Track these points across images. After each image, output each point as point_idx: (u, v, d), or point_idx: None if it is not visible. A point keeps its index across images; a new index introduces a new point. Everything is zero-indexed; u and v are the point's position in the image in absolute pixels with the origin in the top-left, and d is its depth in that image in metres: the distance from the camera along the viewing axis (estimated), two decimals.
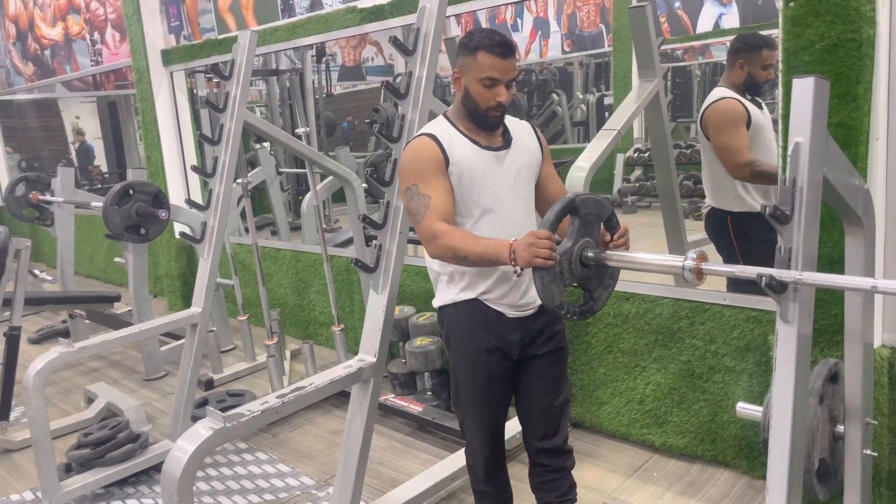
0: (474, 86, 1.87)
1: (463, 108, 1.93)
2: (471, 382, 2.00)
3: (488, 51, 1.84)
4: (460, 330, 1.98)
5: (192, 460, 1.78)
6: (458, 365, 2.02)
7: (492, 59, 1.84)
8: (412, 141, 1.95)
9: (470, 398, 2.02)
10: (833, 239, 2.07)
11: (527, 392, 2.03)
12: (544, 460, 2.05)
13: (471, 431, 2.07)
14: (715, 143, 2.86)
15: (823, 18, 1.99)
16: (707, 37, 7.30)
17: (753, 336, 2.49)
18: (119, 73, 8.54)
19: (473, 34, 1.88)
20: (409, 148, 1.93)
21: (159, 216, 3.47)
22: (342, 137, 9.74)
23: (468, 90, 1.89)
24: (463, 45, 1.89)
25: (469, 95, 1.89)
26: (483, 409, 2.03)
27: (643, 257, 1.74)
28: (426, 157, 1.88)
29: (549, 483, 2.06)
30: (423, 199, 1.86)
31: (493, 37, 1.85)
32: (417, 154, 1.90)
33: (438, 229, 1.82)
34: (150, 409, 3.67)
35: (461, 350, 1.99)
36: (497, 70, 1.85)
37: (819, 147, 1.46)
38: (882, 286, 1.36)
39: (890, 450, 2.21)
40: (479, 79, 1.85)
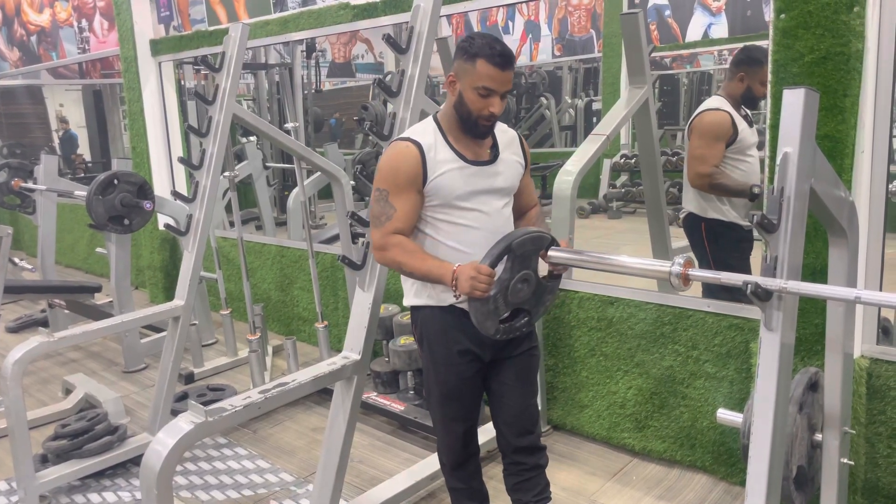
0: (469, 93, 1.84)
1: (454, 112, 1.90)
2: (443, 384, 2.01)
3: (488, 60, 1.80)
4: (434, 332, 1.98)
5: (172, 454, 1.77)
6: (431, 366, 2.02)
7: (490, 70, 1.81)
8: (398, 142, 1.91)
9: (442, 399, 2.03)
10: (816, 249, 2.09)
11: (501, 392, 2.04)
12: (521, 458, 2.05)
13: (442, 431, 2.10)
14: (689, 149, 2.92)
15: (813, 31, 2.01)
16: (696, 46, 7.37)
17: (735, 343, 2.51)
18: (105, 61, 8.46)
19: (474, 39, 1.84)
20: (394, 151, 1.90)
21: (144, 207, 3.44)
22: (330, 134, 9.70)
23: (462, 96, 1.86)
24: (462, 49, 1.85)
25: (462, 101, 1.86)
26: (454, 409, 2.05)
27: (631, 261, 1.75)
28: (405, 170, 1.86)
29: (525, 482, 2.06)
30: (388, 209, 1.87)
31: (494, 46, 1.81)
32: (398, 162, 1.87)
33: (390, 241, 1.87)
34: (129, 402, 3.63)
35: (434, 352, 2.00)
36: (494, 81, 1.82)
37: (807, 158, 1.48)
38: (865, 297, 1.38)
39: (866, 459, 2.25)
40: (476, 87, 1.82)
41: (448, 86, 1.90)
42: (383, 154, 1.96)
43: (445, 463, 2.15)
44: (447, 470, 2.15)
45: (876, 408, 2.20)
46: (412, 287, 2.00)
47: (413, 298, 2.01)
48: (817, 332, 2.14)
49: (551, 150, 8.58)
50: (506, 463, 2.10)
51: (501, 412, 2.06)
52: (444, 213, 1.90)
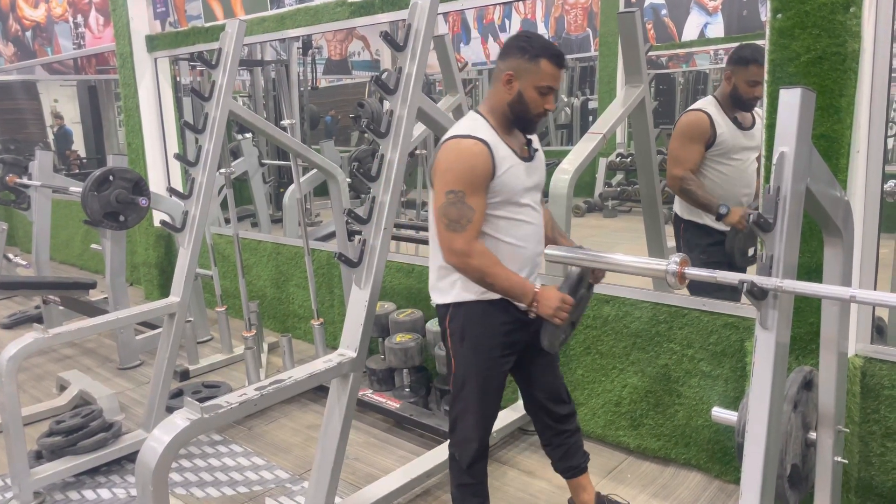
0: (530, 91, 1.92)
1: (508, 110, 1.96)
2: (485, 377, 2.07)
3: (551, 60, 1.90)
4: (481, 325, 2.03)
5: (167, 451, 1.76)
6: (473, 360, 2.06)
7: (553, 69, 1.91)
8: (464, 141, 1.90)
9: (481, 393, 2.08)
10: (811, 249, 2.10)
11: (539, 372, 2.21)
12: (565, 425, 2.27)
13: (470, 424, 2.11)
14: (668, 149, 2.92)
15: (810, 31, 2.02)
16: (692, 45, 7.38)
17: (730, 342, 2.52)
18: (101, 57, 8.42)
19: (532, 39, 1.92)
20: (464, 150, 1.90)
21: (139, 204, 3.43)
22: (325, 131, 9.69)
23: (522, 94, 1.92)
24: (521, 48, 1.91)
25: (522, 100, 1.93)
26: (490, 402, 2.11)
27: (627, 260, 1.76)
28: (481, 169, 1.89)
29: (572, 448, 2.29)
30: (467, 211, 1.88)
31: (553, 46, 1.91)
32: (473, 161, 1.88)
33: (476, 249, 1.90)
34: (124, 399, 3.62)
35: (479, 345, 2.04)
36: (555, 79, 1.92)
37: (803, 157, 1.49)
38: (860, 296, 1.39)
39: (860, 458, 2.26)
40: (538, 86, 1.91)
41: (504, 83, 1.94)
42: (446, 153, 1.93)
43: (460, 458, 2.14)
44: (465, 464, 2.14)
45: (870, 406, 2.21)
46: (454, 283, 2.03)
47: (457, 294, 2.03)
48: (812, 331, 2.15)
49: (547, 149, 8.57)
50: (549, 436, 2.29)
51: (543, 389, 2.23)
52: (504, 209, 1.97)
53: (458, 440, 2.15)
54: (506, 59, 1.95)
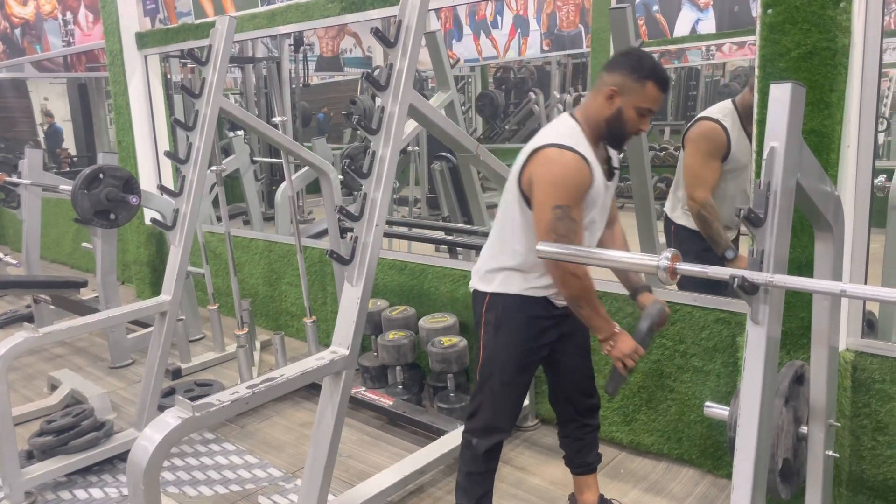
0: (630, 111, 1.92)
1: (604, 124, 1.96)
2: (514, 369, 2.12)
3: (658, 84, 1.91)
4: (517, 320, 2.08)
5: (159, 449, 1.75)
6: (504, 351, 2.11)
7: (657, 93, 1.91)
8: (566, 153, 1.90)
9: (509, 383, 2.14)
10: (802, 244, 2.11)
11: (570, 363, 2.26)
12: (588, 419, 2.31)
13: (495, 413, 2.16)
14: (685, 163, 2.78)
15: (800, 27, 2.02)
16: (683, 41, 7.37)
17: (722, 337, 2.53)
18: (91, 54, 8.36)
19: (643, 59, 1.91)
20: (570, 164, 1.90)
21: (130, 202, 3.41)
22: (317, 128, 9.66)
23: (621, 112, 1.93)
24: (630, 67, 1.90)
25: (620, 117, 1.93)
26: (518, 393, 2.19)
27: (619, 255, 1.76)
28: (584, 185, 1.93)
29: (588, 445, 2.33)
30: (574, 226, 1.90)
31: (662, 70, 1.92)
32: (578, 178, 1.91)
33: (585, 270, 1.93)
34: (116, 398, 3.61)
35: (513, 338, 2.10)
36: (658, 104, 1.93)
37: (793, 152, 1.49)
38: (850, 290, 1.39)
39: (851, 451, 2.27)
40: (639, 107, 1.92)
41: (606, 98, 1.94)
42: (549, 166, 1.93)
43: (483, 445, 2.17)
44: (482, 450, 2.17)
45: (861, 400, 2.23)
46: (499, 274, 2.09)
47: (499, 285, 2.09)
48: (803, 326, 2.16)
49: None
50: (571, 429, 2.32)
51: (572, 380, 2.28)
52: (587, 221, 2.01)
53: (479, 427, 2.19)
54: (612, 74, 1.94)
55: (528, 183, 1.96)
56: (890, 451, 2.21)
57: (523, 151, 2.02)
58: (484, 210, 4.55)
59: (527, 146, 2.02)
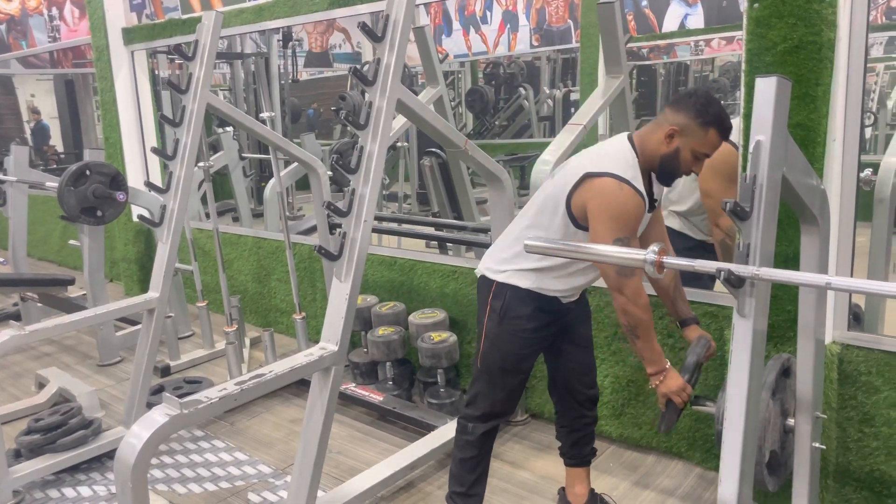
0: (687, 153, 1.94)
1: (658, 161, 1.97)
2: (515, 358, 2.16)
3: (720, 132, 1.92)
4: (524, 313, 2.11)
5: (146, 447, 1.75)
6: (506, 341, 2.15)
7: (718, 142, 1.93)
8: (629, 190, 1.92)
9: (510, 372, 2.18)
10: (788, 237, 2.12)
11: (573, 351, 2.28)
12: (587, 410, 2.34)
13: (495, 400, 2.20)
14: (704, 187, 2.60)
15: (786, 20, 2.03)
16: (672, 36, 7.39)
17: (710, 330, 2.53)
18: (77, 50, 8.30)
19: (710, 105, 1.91)
20: (630, 200, 1.92)
21: (117, 198, 3.39)
22: (307, 124, 9.62)
23: (679, 152, 1.94)
24: (697, 110, 1.90)
25: (677, 157, 1.95)
26: (518, 381, 2.21)
27: (607, 250, 1.76)
28: (639, 219, 1.97)
29: (585, 437, 2.36)
30: None
31: (727, 119, 1.92)
32: (637, 213, 1.94)
33: (644, 298, 1.96)
34: (104, 396, 3.59)
35: (517, 330, 2.13)
36: (716, 149, 1.95)
37: (779, 146, 1.50)
38: (836, 283, 1.40)
39: (837, 443, 2.29)
40: (697, 151, 1.93)
41: (666, 136, 1.94)
42: (609, 197, 1.92)
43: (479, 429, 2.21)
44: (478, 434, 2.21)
45: (847, 393, 2.24)
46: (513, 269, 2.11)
47: (510, 276, 2.11)
48: (790, 319, 2.17)
49: (530, 141, 8.58)
50: (570, 418, 2.35)
51: (573, 369, 2.30)
52: None
53: (477, 414, 2.22)
54: (676, 113, 1.94)
55: (581, 208, 1.97)
56: (876, 442, 2.23)
57: (574, 166, 2.03)
58: (474, 205, 4.55)
59: (579, 161, 2.03)
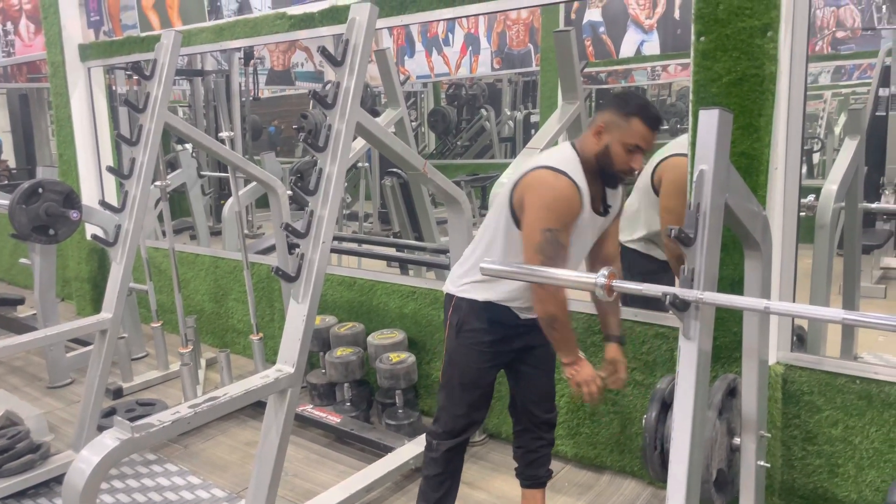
0: (617, 147, 1.96)
1: (594, 160, 2.00)
2: (472, 372, 2.17)
3: (645, 122, 1.95)
4: (479, 322, 2.13)
5: (96, 472, 1.72)
6: (463, 355, 2.17)
7: (644, 130, 1.95)
8: (564, 180, 1.95)
9: (468, 386, 2.18)
10: (734, 261, 2.19)
11: (532, 374, 2.28)
12: (543, 433, 2.34)
13: (455, 415, 2.21)
14: (666, 205, 2.57)
15: (731, 54, 2.12)
16: (629, 62, 7.59)
17: (661, 351, 2.60)
18: (32, 65, 8.14)
19: (631, 97, 1.98)
20: (563, 190, 1.95)
21: (70, 217, 3.33)
22: (268, 142, 9.58)
23: (609, 148, 1.97)
24: (618, 104, 1.96)
25: (608, 154, 1.97)
26: (476, 397, 2.20)
27: (559, 273, 1.80)
28: (575, 211, 1.97)
29: (540, 458, 2.36)
30: (561, 250, 1.94)
31: (650, 109, 1.97)
32: (570, 204, 1.96)
33: (564, 296, 1.98)
34: (54, 419, 3.50)
35: (474, 340, 2.14)
36: (645, 141, 1.96)
37: (722, 175, 1.56)
38: (774, 307, 1.46)
39: (782, 461, 2.36)
40: (625, 143, 1.95)
41: (594, 134, 1.99)
42: (542, 188, 1.96)
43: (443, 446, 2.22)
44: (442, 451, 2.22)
45: (791, 412, 2.32)
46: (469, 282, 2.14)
47: (466, 290, 2.14)
48: (736, 340, 2.24)
49: (491, 161, 8.68)
50: (525, 440, 2.34)
51: (531, 392, 2.30)
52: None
53: (439, 430, 2.24)
54: (603, 112, 2.00)
55: (520, 202, 2.01)
56: (819, 460, 2.31)
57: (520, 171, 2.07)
58: (434, 226, 4.59)
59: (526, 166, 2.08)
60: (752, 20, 2.07)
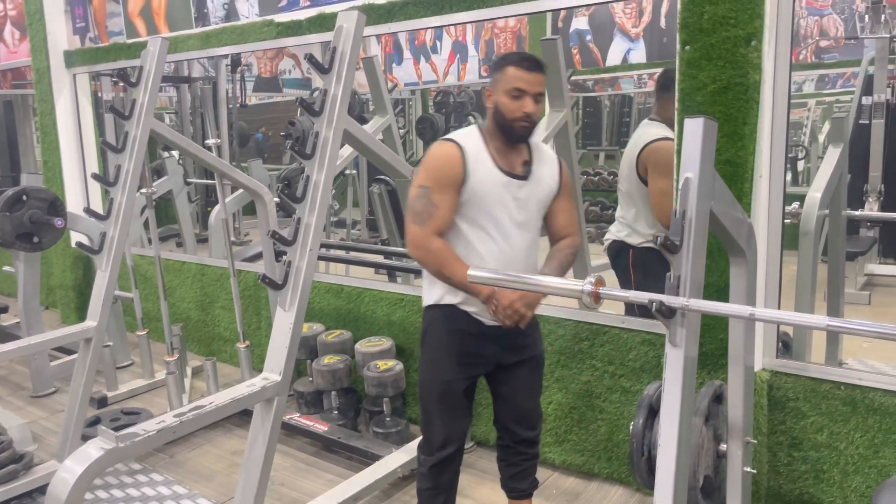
0: (502, 98, 1.99)
1: (494, 123, 2.03)
2: (440, 383, 2.12)
3: (516, 65, 1.98)
4: (440, 331, 2.11)
5: (79, 482, 1.70)
6: (430, 365, 2.15)
7: (519, 72, 1.97)
8: (443, 142, 2.04)
9: (438, 397, 2.13)
10: (720, 268, 2.20)
11: (512, 396, 2.22)
12: (524, 448, 2.28)
13: (433, 431, 2.15)
14: (654, 187, 2.69)
15: (715, 63, 2.14)
16: (616, 70, 7.65)
17: (648, 358, 2.61)
18: (17, 71, 8.09)
19: (505, 55, 2.03)
20: (439, 150, 2.03)
21: (55, 224, 3.30)
22: (256, 149, 9.55)
23: (497, 104, 2.01)
24: (494, 64, 2.04)
25: (498, 109, 2.01)
26: (449, 409, 2.14)
27: (546, 280, 1.80)
28: (448, 168, 1.99)
29: (523, 472, 2.30)
30: (430, 207, 1.97)
31: (522, 54, 2.02)
32: (442, 161, 2.00)
33: (433, 244, 1.98)
34: (37, 428, 3.46)
35: (437, 350, 2.12)
36: (524, 81, 1.97)
37: (707, 182, 1.57)
38: (759, 314, 1.47)
39: (768, 467, 2.37)
40: (507, 90, 1.98)
41: (487, 101, 2.05)
42: (427, 153, 2.05)
43: (427, 462, 2.20)
44: (427, 467, 2.20)
45: (777, 418, 2.33)
46: (428, 288, 2.13)
47: (427, 298, 2.14)
48: (722, 347, 2.25)
49: None
50: (506, 454, 2.30)
51: (511, 412, 2.24)
52: (471, 217, 2.02)
53: (423, 444, 2.22)
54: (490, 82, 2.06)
55: None
56: (805, 466, 2.32)
57: None
58: None
59: None
60: (736, 30, 2.10)
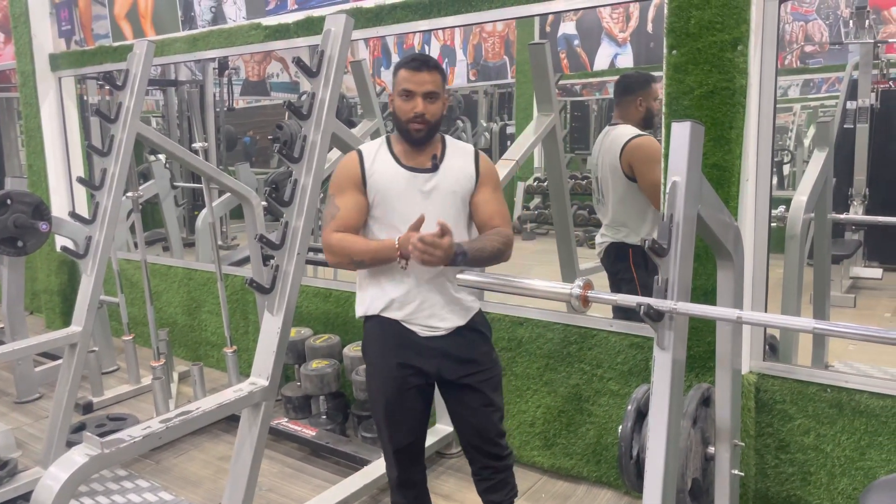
0: (396, 100, 2.01)
1: (394, 125, 2.06)
2: (382, 396, 2.04)
3: (405, 66, 2.00)
4: (375, 343, 2.06)
5: (64, 489, 1.68)
6: (371, 378, 2.11)
7: (406, 73, 1.98)
8: (351, 154, 2.09)
9: (385, 411, 2.05)
10: (708, 272, 2.21)
11: (465, 414, 2.10)
12: (490, 462, 2.14)
13: (387, 444, 2.11)
14: (647, 180, 2.76)
15: (702, 67, 2.15)
16: (603, 74, 7.69)
17: (636, 361, 2.61)
18: (2, 74, 8.01)
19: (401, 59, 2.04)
20: (342, 160, 2.08)
21: (39, 229, 3.27)
22: (243, 152, 9.51)
23: (393, 106, 2.03)
24: (392, 71, 2.05)
25: (394, 112, 2.03)
26: (397, 422, 2.05)
27: (535, 284, 1.80)
28: (345, 172, 2.03)
29: (496, 484, 2.16)
30: (332, 210, 2.01)
31: (413, 55, 2.03)
32: (342, 168, 2.05)
33: (333, 238, 1.98)
34: (22, 434, 3.42)
35: (374, 363, 2.08)
36: (411, 82, 1.97)
37: (694, 186, 1.58)
38: (746, 317, 1.48)
39: (756, 470, 2.38)
40: (399, 92, 2.00)
41: (390, 104, 2.07)
42: None
43: (392, 477, 2.16)
44: (393, 485, 2.16)
45: (764, 421, 2.34)
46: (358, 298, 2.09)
47: (358, 310, 2.09)
48: (710, 350, 2.26)
49: None
50: (476, 468, 2.17)
51: (466, 431, 2.12)
52: (381, 217, 2.02)
53: (385, 460, 2.17)
54: None
55: None
56: (792, 468, 2.33)
57: None
58: None
59: None
60: (722, 34, 2.11)
